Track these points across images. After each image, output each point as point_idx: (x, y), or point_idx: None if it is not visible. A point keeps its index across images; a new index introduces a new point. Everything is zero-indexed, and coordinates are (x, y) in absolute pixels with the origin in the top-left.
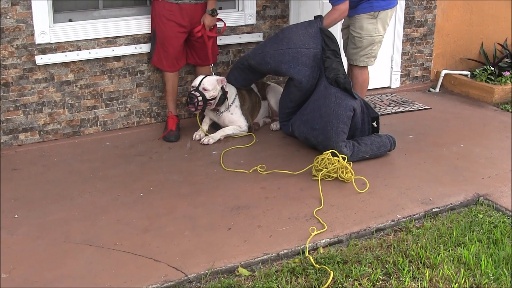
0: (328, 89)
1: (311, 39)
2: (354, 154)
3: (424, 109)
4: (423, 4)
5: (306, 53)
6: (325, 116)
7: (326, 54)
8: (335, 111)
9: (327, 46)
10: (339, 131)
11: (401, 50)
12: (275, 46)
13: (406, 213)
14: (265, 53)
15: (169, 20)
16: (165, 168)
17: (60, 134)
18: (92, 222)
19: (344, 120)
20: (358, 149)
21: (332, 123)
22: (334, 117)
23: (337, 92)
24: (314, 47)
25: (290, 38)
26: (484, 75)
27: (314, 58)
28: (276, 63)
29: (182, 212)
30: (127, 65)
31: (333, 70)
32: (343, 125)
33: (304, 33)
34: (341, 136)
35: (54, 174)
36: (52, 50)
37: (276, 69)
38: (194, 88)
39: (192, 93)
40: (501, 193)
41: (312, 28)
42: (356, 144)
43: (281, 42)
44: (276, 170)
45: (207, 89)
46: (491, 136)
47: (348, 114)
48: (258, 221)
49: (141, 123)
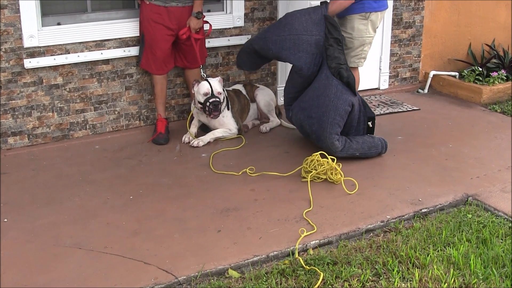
0: (329, 80)
1: (314, 25)
2: (345, 149)
3: (413, 110)
4: (411, 5)
5: (307, 40)
6: (323, 106)
7: (329, 42)
8: (334, 103)
9: (330, 34)
10: (335, 123)
11: (390, 52)
12: (277, 32)
13: (395, 214)
14: (267, 39)
15: (157, 23)
16: (154, 171)
17: (49, 138)
18: (82, 226)
19: (341, 113)
20: (349, 145)
21: (329, 114)
22: (332, 109)
23: (338, 85)
24: (317, 34)
25: (292, 24)
26: (472, 75)
27: (316, 45)
28: (277, 49)
29: (171, 215)
30: (116, 68)
31: (335, 59)
32: (340, 118)
33: (308, 19)
34: (336, 128)
35: (44, 177)
36: (41, 53)
37: (277, 55)
38: (208, 94)
39: (215, 100)
40: (490, 193)
41: (316, 15)
42: (348, 141)
43: (283, 28)
44: (266, 172)
45: (220, 92)
46: (479, 136)
47: (346, 109)
48: (248, 223)
49: (130, 126)
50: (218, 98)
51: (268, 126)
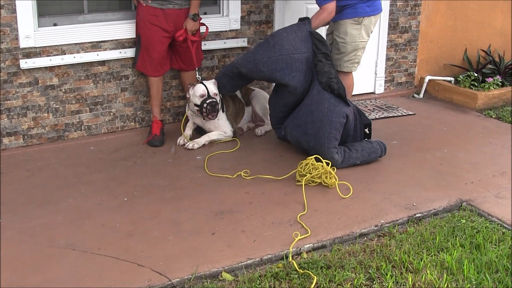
0: (321, 94)
1: (302, 43)
2: (345, 160)
3: (408, 114)
4: (407, 10)
5: (299, 58)
6: (318, 121)
7: (318, 58)
8: (328, 117)
9: (318, 49)
10: (331, 137)
11: (385, 56)
12: (267, 54)
13: (389, 218)
14: (257, 61)
15: (153, 25)
16: (149, 173)
17: (45, 139)
18: (76, 227)
19: (336, 126)
20: (349, 155)
21: (324, 129)
22: (327, 123)
23: (330, 98)
24: (306, 51)
25: (281, 44)
26: (467, 81)
27: (307, 62)
28: (270, 71)
29: (166, 217)
30: (111, 69)
31: (325, 74)
32: (336, 132)
33: (295, 37)
34: (333, 142)
35: (38, 178)
36: (37, 54)
37: (270, 77)
38: (205, 96)
39: (211, 101)
40: (484, 199)
41: (301, 32)
42: (347, 150)
43: (273, 49)
44: (260, 175)
45: (216, 93)
46: (474, 141)
47: (341, 121)
48: (242, 226)
49: (126, 127)
50: (215, 99)
51: (263, 129)
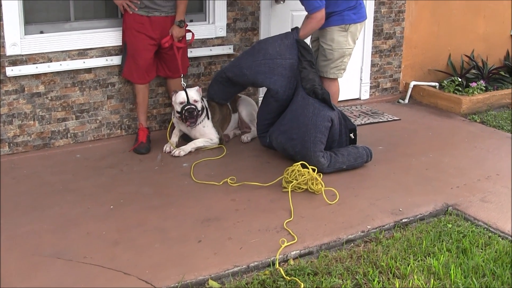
0: (306, 100)
1: (287, 50)
2: (331, 165)
3: (394, 120)
4: (391, 16)
5: (282, 64)
6: (303, 126)
7: (303, 65)
8: (313, 121)
9: (303, 57)
10: (317, 141)
11: (370, 62)
12: (252, 58)
13: (376, 224)
14: (242, 65)
15: (139, 32)
16: (135, 181)
17: (30, 146)
18: (62, 235)
19: (322, 130)
20: (335, 159)
21: (310, 133)
22: (312, 127)
23: (315, 103)
24: (290, 58)
25: (266, 49)
26: (452, 86)
27: (291, 69)
28: (252, 74)
29: (152, 225)
30: (98, 77)
31: (309, 81)
32: (321, 135)
33: (280, 44)
34: (319, 146)
35: (24, 186)
36: (23, 61)
37: (253, 80)
38: (184, 103)
39: (190, 107)
40: (470, 203)
41: (288, 40)
42: (333, 155)
43: (257, 53)
44: (247, 182)
45: (197, 100)
46: (459, 146)
47: (326, 125)
48: (229, 233)
49: (112, 135)
50: (194, 106)
51: (249, 136)
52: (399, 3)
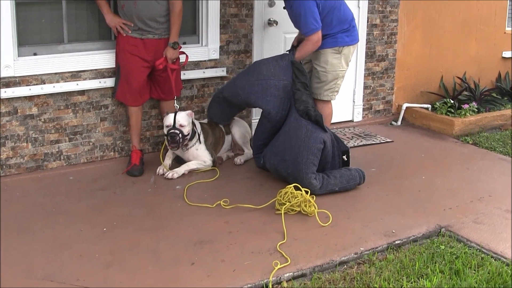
0: (298, 121)
1: (281, 71)
2: (324, 187)
3: (386, 142)
4: (384, 39)
5: (275, 85)
6: (296, 147)
7: (296, 86)
8: (306, 143)
9: (297, 79)
10: (309, 163)
11: (363, 84)
12: (246, 78)
13: (369, 246)
14: (236, 85)
15: (133, 54)
16: (128, 203)
17: (23, 168)
18: (55, 257)
19: (314, 152)
20: (327, 181)
21: (302, 154)
22: (304, 149)
23: (308, 125)
24: (285, 79)
25: (260, 70)
26: (444, 108)
27: (284, 90)
28: (246, 94)
29: (145, 247)
30: (91, 99)
31: (303, 103)
32: (313, 157)
33: (275, 65)
34: (311, 168)
35: (16, 208)
36: (16, 83)
37: (246, 100)
38: (170, 126)
39: (173, 131)
40: (463, 224)
41: (283, 61)
42: (326, 177)
43: (251, 74)
44: (240, 204)
45: (183, 125)
46: (452, 168)
47: (319, 146)
48: (222, 255)
49: (105, 157)
50: (178, 131)
51: (242, 158)
52: (391, 26)
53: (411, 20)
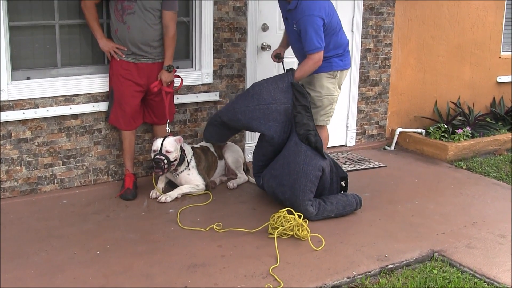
0: (298, 146)
1: (282, 94)
2: (320, 213)
3: (380, 166)
4: (377, 63)
5: (277, 109)
6: (294, 173)
7: (297, 109)
8: (304, 170)
9: (298, 101)
10: (306, 190)
11: (357, 109)
12: (246, 103)
13: (361, 270)
14: (236, 110)
15: (126, 79)
16: (122, 226)
17: (17, 192)
18: (48, 281)
19: (312, 179)
20: (323, 208)
21: (300, 181)
22: (302, 176)
23: (307, 151)
24: (285, 102)
25: (260, 94)
26: (438, 132)
27: (285, 113)
28: (247, 119)
29: (138, 271)
30: (84, 123)
31: (303, 126)
32: (311, 184)
33: (275, 88)
34: (308, 195)
35: (10, 232)
36: (10, 107)
37: (247, 125)
38: (156, 152)
39: (157, 157)
40: (456, 249)
41: (283, 83)
42: (322, 203)
43: (251, 98)
44: (233, 228)
45: (170, 151)
46: (445, 192)
47: (317, 174)
48: (215, 279)
49: (99, 181)
50: (164, 156)
51: (235, 183)
52: (385, 50)
53: (405, 44)
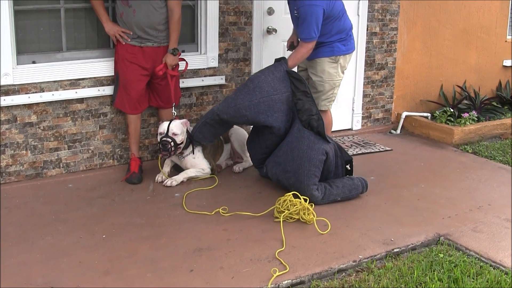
0: (301, 132)
1: (280, 83)
2: (326, 197)
3: (385, 150)
4: (383, 47)
5: (279, 99)
6: (298, 159)
7: (297, 96)
8: (308, 155)
9: (297, 88)
10: (311, 174)
11: (362, 93)
12: (248, 97)
13: (367, 254)
14: (239, 106)
15: (132, 63)
16: (127, 211)
17: (23, 176)
18: (54, 265)
19: (316, 163)
20: (329, 191)
21: (304, 166)
22: (306, 160)
23: (310, 136)
24: (285, 91)
25: (261, 87)
26: (444, 116)
27: (287, 102)
28: (253, 114)
29: (144, 255)
30: (90, 107)
31: (306, 111)
32: (315, 169)
33: (273, 78)
34: (313, 179)
35: (16, 216)
36: (15, 91)
37: (254, 120)
38: (163, 134)
39: (164, 139)
40: (461, 233)
41: (279, 72)
42: (328, 187)
43: (253, 92)
44: (238, 212)
45: (176, 133)
46: (451, 177)
47: (321, 158)
48: (220, 263)
49: (104, 165)
50: (170, 139)
51: (241, 166)
52: (391, 34)
53: (411, 28)
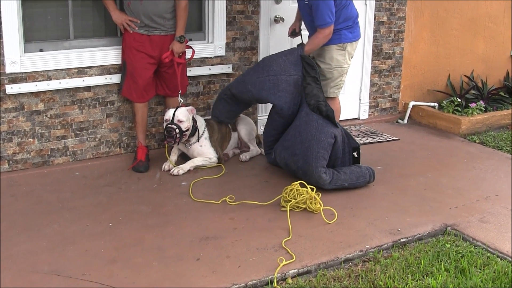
0: (309, 116)
1: (291, 66)
2: (333, 181)
3: (392, 140)
4: (390, 36)
5: (286, 80)
6: (306, 141)
7: (307, 81)
8: (316, 137)
9: (308, 73)
10: (319, 157)
11: (370, 82)
12: (256, 75)
13: (374, 244)
14: (246, 82)
15: (139, 51)
16: (134, 199)
17: (30, 164)
18: (60, 253)
19: (324, 146)
20: (337, 177)
21: (312, 148)
22: (315, 143)
23: (318, 119)
24: (295, 74)
25: (270, 65)
26: (451, 106)
27: (295, 85)
28: (257, 90)
29: (150, 243)
30: (97, 95)
31: (313, 97)
32: (324, 151)
33: (285, 60)
34: (321, 161)
35: (22, 204)
36: (23, 79)
37: (257, 96)
38: (168, 121)
39: (169, 126)
40: (468, 223)
41: (292, 56)
42: (336, 173)
43: (261, 70)
44: (245, 201)
45: (182, 120)
46: (458, 166)
47: (329, 141)
48: (227, 251)
49: (111, 153)
50: (175, 126)
51: (248, 155)
52: (398, 23)
53: (419, 18)
